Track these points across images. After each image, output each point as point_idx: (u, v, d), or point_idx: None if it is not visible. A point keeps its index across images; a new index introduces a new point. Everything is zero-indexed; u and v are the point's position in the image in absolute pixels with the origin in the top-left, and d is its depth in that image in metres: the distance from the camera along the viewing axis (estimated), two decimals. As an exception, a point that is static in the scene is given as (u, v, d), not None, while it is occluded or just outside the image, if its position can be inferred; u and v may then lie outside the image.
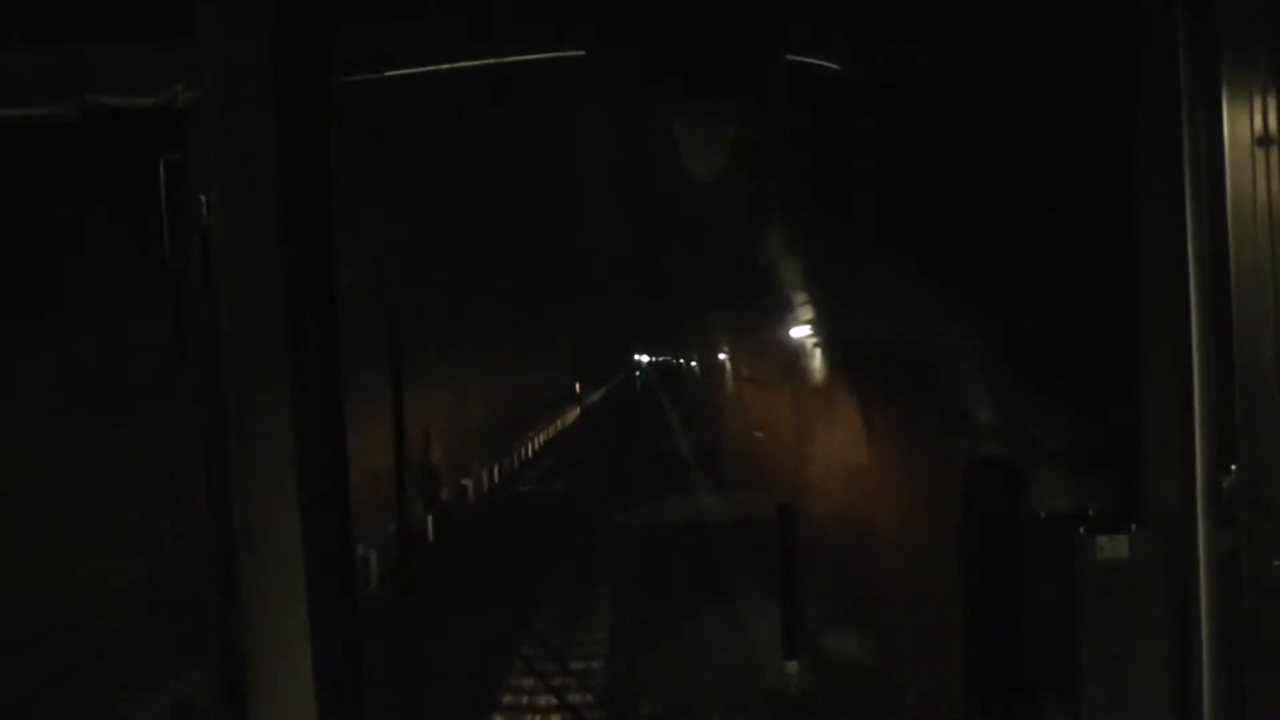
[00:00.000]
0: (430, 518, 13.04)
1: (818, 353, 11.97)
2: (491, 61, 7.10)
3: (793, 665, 5.61)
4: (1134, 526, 3.77)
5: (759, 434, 17.50)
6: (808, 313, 12.09)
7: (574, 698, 9.66)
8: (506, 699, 9.73)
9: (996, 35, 5.57)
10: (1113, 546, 3.75)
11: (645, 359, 72.93)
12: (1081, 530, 3.81)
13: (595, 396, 55.40)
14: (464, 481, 16.80)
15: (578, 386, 46.38)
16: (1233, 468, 3.32)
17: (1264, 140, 3.24)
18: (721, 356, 24.90)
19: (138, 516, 4.64)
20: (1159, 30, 3.53)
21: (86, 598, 4.94)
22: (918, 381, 7.96)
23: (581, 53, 7.11)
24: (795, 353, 13.20)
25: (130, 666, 4.53)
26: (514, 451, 24.60)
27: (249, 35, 2.94)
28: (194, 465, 3.05)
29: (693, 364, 36.05)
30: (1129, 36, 3.77)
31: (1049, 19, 4.89)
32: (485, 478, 19.09)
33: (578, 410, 45.17)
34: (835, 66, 7.09)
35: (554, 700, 9.32)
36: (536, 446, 29.56)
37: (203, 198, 3.01)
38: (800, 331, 12.50)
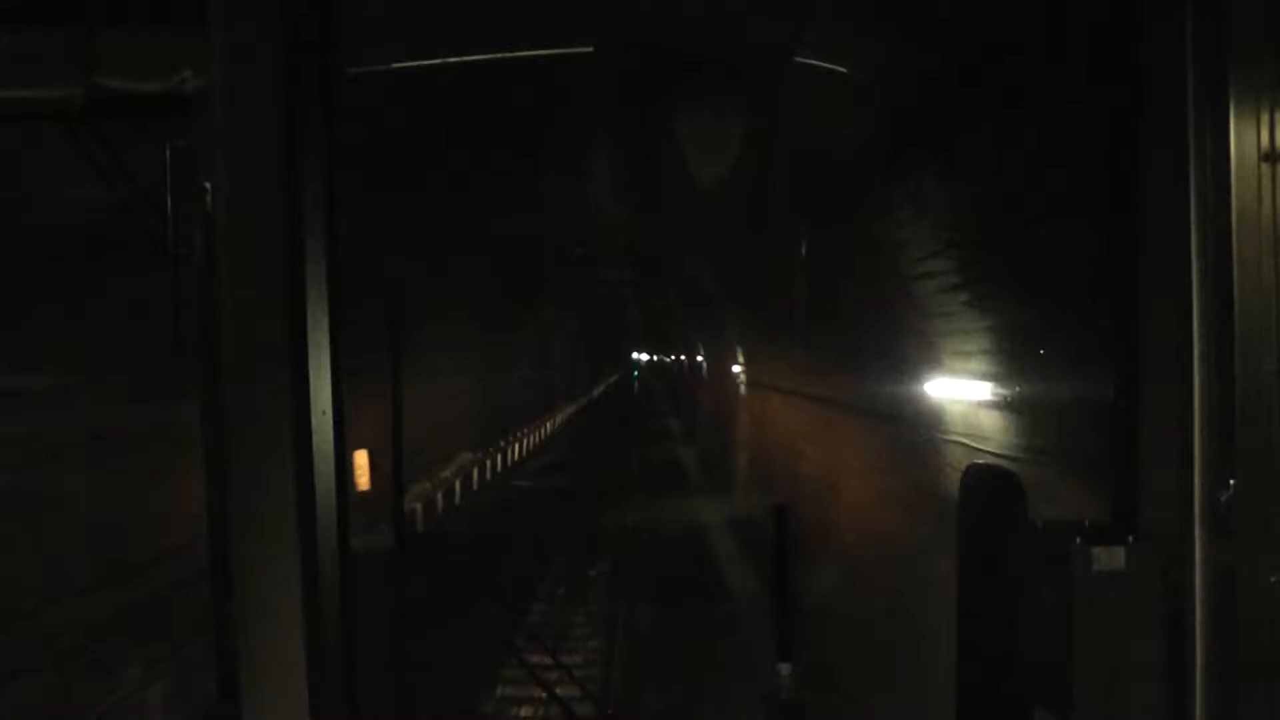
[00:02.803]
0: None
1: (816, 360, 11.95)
2: (499, 56, 7.10)
3: (785, 667, 5.58)
4: (1131, 538, 3.75)
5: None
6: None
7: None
8: None
9: (1003, 41, 5.57)
10: (1109, 558, 3.73)
11: (644, 357, 72.72)
12: (1077, 540, 3.79)
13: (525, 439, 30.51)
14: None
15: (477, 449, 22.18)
16: (1231, 483, 3.32)
17: (1270, 156, 3.23)
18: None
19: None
20: (1166, 42, 3.52)
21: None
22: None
23: (590, 49, 7.11)
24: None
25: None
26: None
27: (257, 23, 2.94)
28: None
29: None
30: (1135, 47, 3.76)
31: (1055, 27, 4.88)
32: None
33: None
34: (844, 70, 7.11)
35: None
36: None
37: (207, 185, 3.01)
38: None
